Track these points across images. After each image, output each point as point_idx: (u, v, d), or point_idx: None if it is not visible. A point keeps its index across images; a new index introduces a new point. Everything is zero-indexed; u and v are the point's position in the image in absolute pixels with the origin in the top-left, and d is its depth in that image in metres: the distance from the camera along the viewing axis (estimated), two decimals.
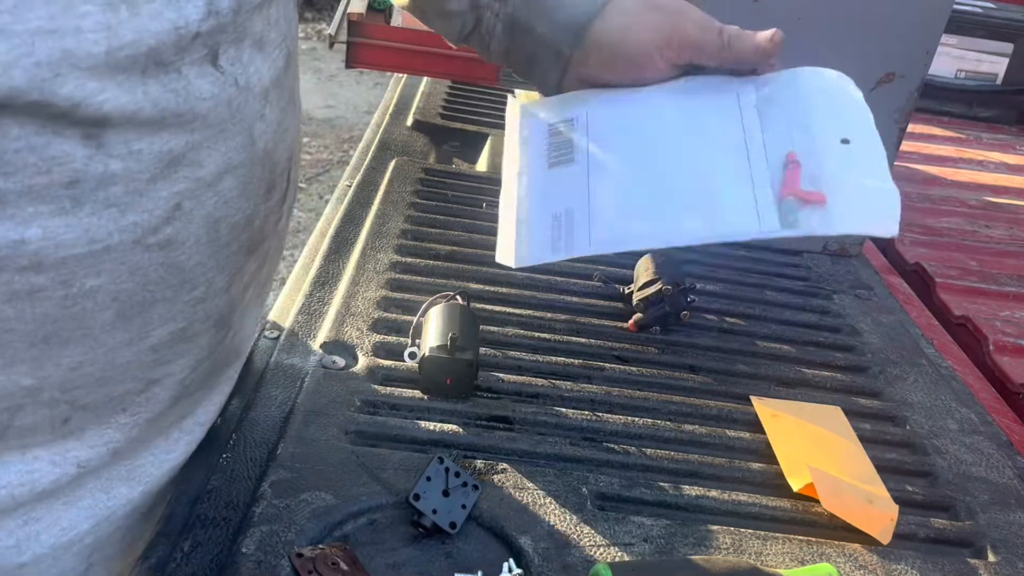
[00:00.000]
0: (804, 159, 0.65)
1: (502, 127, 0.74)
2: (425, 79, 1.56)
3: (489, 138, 1.34)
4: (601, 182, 0.64)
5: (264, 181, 0.57)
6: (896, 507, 0.69)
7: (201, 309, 0.56)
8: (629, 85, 0.70)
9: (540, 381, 0.79)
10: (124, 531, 0.62)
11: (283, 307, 0.87)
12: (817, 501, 0.68)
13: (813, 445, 0.75)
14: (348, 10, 1.44)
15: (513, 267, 0.64)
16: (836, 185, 0.63)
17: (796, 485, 0.70)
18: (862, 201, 0.63)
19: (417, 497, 0.60)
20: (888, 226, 0.62)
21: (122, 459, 0.59)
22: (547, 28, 0.70)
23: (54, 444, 0.54)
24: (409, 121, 1.37)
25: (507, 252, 0.64)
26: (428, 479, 0.60)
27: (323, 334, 0.81)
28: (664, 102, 0.69)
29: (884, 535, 0.66)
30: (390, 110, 1.43)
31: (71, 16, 0.42)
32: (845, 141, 0.65)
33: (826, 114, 0.67)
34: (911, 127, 1.11)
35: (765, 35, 0.68)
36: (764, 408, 0.79)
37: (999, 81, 1.87)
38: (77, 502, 0.58)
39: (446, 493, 0.60)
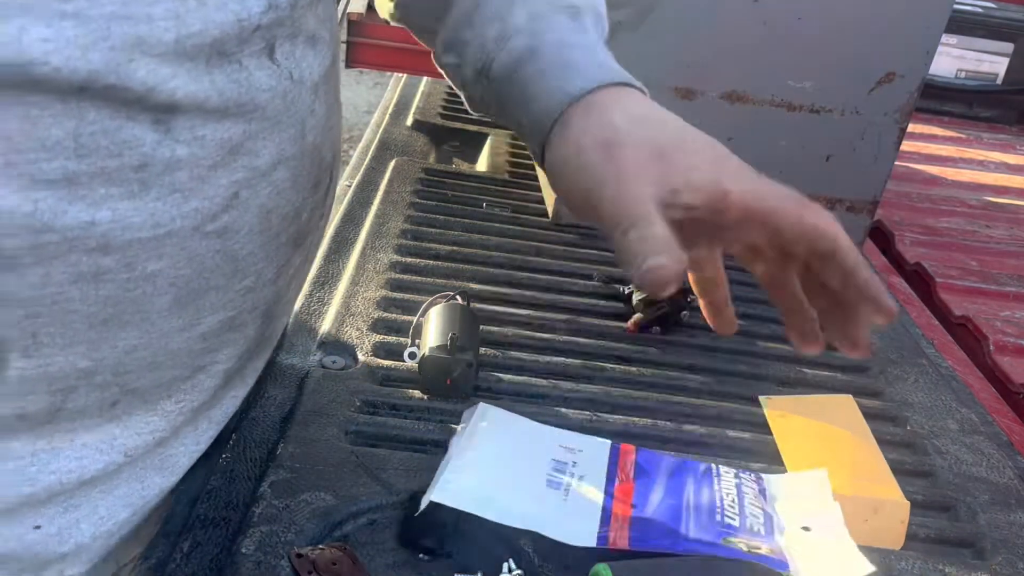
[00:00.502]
0: None
1: (502, 126, 0.73)
2: (425, 79, 1.55)
3: (489, 138, 1.34)
4: None
5: (312, 175, 0.58)
6: (907, 505, 0.68)
7: (250, 299, 0.57)
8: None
9: (540, 381, 0.79)
10: (152, 522, 0.63)
11: None
12: None
13: (822, 447, 0.75)
14: (348, 10, 1.44)
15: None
16: None
17: None
18: None
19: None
20: None
21: (159, 447, 0.59)
22: (526, 119, 0.58)
23: (100, 429, 0.54)
24: (409, 121, 1.37)
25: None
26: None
27: (323, 334, 0.81)
28: None
29: (895, 541, 0.66)
30: (390, 110, 1.43)
31: (142, 3, 0.44)
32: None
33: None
34: (911, 127, 1.11)
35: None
36: (773, 410, 0.79)
37: (999, 81, 1.87)
38: (113, 491, 0.58)
39: None
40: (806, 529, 0.65)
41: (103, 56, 0.43)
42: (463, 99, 0.67)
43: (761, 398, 0.81)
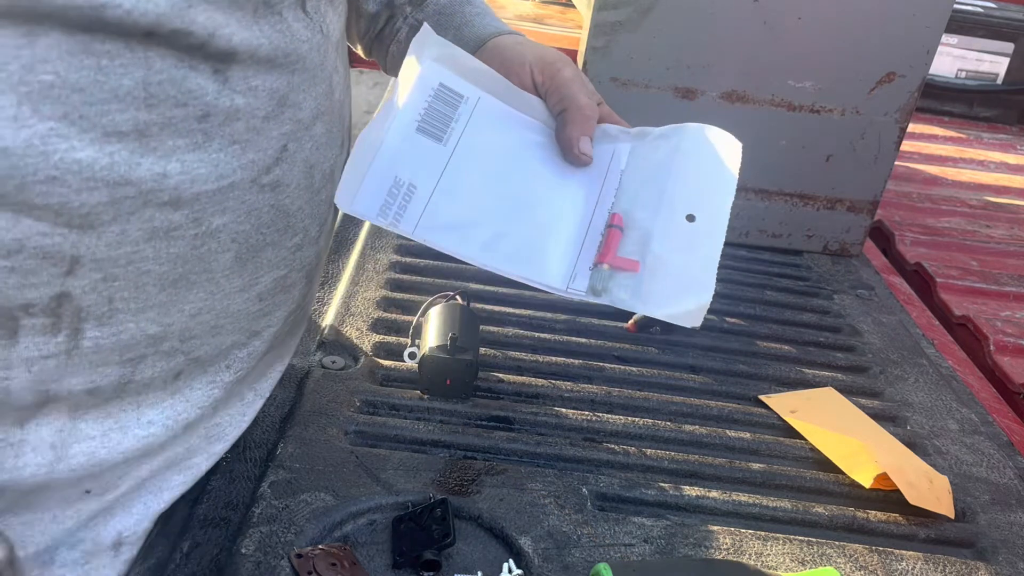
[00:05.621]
0: (638, 225, 0.66)
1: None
2: None
3: None
4: (454, 179, 0.65)
5: (339, 133, 0.61)
6: (945, 478, 0.72)
7: (299, 257, 0.60)
8: None
9: (540, 381, 0.79)
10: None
11: None
12: (870, 497, 0.70)
13: (850, 433, 0.76)
14: None
15: (341, 210, 0.62)
16: (657, 264, 0.64)
17: (867, 481, 0.70)
18: (674, 291, 0.63)
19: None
20: (692, 320, 0.62)
21: (211, 417, 0.61)
22: (451, 40, 0.73)
23: (163, 403, 0.56)
24: None
25: (342, 194, 0.62)
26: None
27: (323, 334, 0.81)
28: (549, 134, 0.69)
29: (949, 510, 0.69)
30: None
31: None
32: (690, 218, 0.66)
33: (689, 182, 0.67)
34: (912, 127, 1.11)
35: (581, 144, 0.67)
36: (775, 407, 0.80)
37: (999, 81, 1.87)
38: (169, 460, 0.60)
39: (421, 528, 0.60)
40: (690, 219, 0.65)
41: (168, 0, 0.45)
42: (370, 30, 0.77)
43: (762, 397, 0.81)
